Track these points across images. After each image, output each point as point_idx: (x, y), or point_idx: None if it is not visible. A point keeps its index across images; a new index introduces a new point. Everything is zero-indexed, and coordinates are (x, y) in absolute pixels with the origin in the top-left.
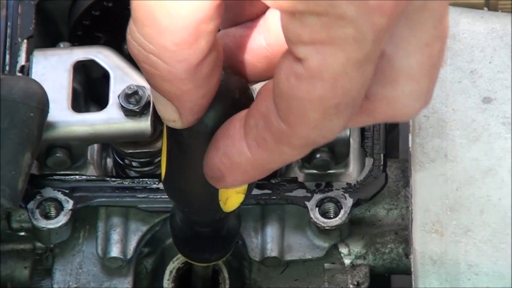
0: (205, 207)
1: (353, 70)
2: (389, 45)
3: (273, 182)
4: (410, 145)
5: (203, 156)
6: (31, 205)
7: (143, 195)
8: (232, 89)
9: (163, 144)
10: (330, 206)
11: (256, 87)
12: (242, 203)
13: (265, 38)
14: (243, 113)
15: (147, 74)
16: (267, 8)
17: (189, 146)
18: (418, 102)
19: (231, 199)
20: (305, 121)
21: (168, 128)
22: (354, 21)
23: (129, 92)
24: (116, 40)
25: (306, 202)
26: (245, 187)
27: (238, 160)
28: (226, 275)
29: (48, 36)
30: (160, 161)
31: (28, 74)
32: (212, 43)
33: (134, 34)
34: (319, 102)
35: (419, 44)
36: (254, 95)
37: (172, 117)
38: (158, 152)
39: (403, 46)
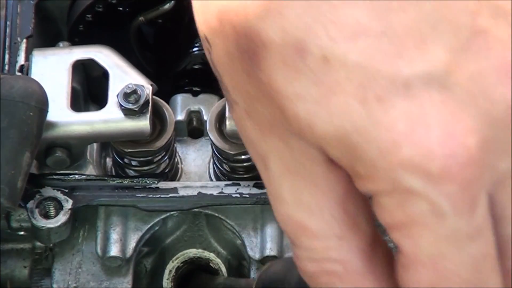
0: None
1: (447, 247)
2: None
3: None
4: None
5: None
6: (30, 204)
7: (143, 195)
8: None
9: None
10: None
11: None
12: None
13: None
14: None
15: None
16: None
17: None
18: None
19: None
20: None
21: None
22: (425, 194)
23: (128, 91)
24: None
25: None
26: None
27: None
28: (225, 275)
29: (47, 36)
30: (159, 160)
31: (27, 74)
32: None
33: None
34: None
35: None
36: None
37: None
38: (157, 151)
39: None
